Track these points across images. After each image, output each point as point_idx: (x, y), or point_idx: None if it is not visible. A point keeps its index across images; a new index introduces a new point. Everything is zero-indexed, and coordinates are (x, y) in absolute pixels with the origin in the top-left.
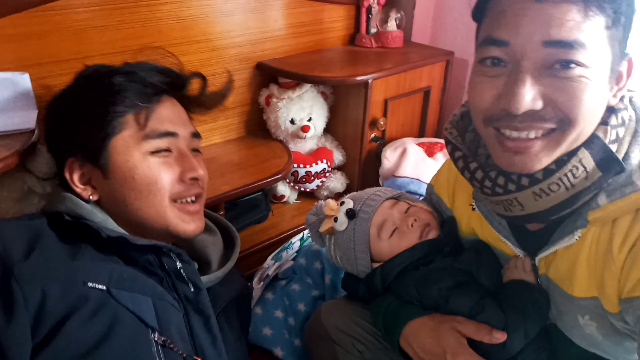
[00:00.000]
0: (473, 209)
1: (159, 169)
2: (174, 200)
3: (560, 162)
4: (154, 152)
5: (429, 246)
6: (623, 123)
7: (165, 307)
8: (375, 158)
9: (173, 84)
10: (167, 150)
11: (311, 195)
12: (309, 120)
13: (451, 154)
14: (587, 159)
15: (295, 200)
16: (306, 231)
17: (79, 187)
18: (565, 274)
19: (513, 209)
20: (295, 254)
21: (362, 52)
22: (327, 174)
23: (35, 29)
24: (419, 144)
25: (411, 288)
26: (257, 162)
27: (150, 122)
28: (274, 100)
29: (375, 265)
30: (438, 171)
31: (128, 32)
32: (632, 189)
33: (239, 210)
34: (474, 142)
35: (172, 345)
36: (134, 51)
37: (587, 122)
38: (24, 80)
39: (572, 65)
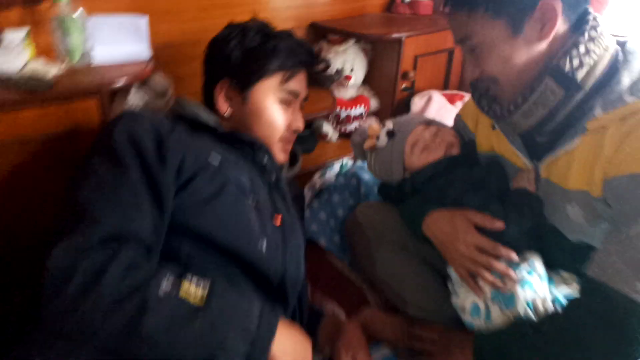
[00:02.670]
0: (494, 129)
1: (280, 116)
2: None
3: (531, 89)
4: (281, 101)
5: (451, 161)
6: (587, 52)
7: (257, 182)
8: (405, 105)
9: (312, 62)
10: (289, 103)
11: (349, 137)
12: (351, 71)
13: (472, 93)
14: (550, 82)
15: (336, 139)
16: (345, 159)
17: (221, 100)
18: (562, 174)
19: (515, 128)
20: (337, 174)
21: (397, 18)
22: (364, 118)
23: None
24: (443, 94)
25: (433, 190)
26: (307, 104)
27: (289, 82)
28: (323, 54)
29: (407, 175)
30: (466, 103)
31: None
32: (621, 103)
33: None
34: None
35: (260, 207)
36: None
37: (503, 71)
38: (143, 22)
39: (472, 47)
